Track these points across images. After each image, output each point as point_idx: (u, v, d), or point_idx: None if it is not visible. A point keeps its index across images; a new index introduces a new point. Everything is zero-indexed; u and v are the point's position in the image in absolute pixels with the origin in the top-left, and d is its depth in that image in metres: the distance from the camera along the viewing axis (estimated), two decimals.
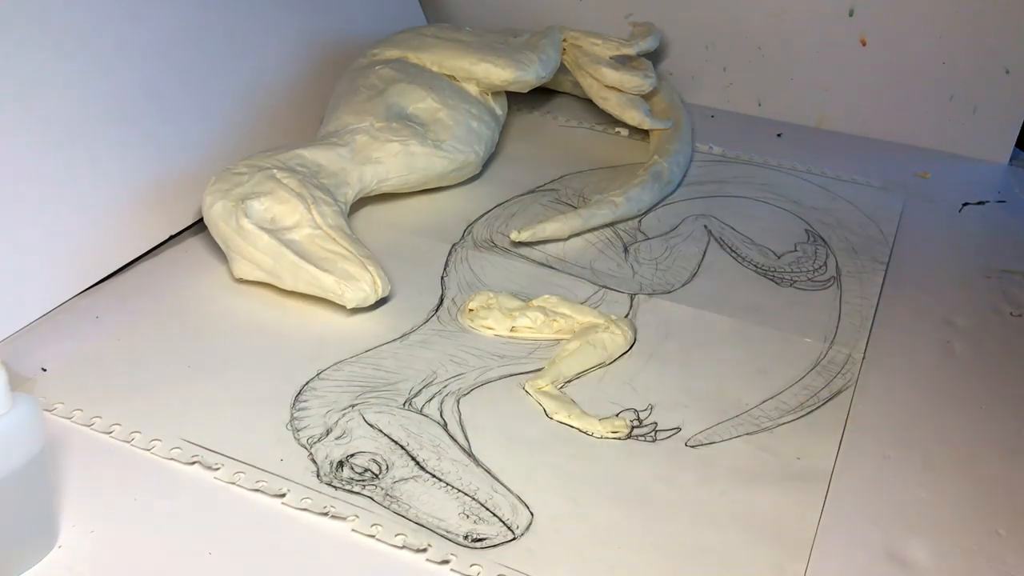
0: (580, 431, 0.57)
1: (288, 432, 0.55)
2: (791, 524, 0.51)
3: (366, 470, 0.53)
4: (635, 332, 0.65)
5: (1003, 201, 0.87)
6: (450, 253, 0.74)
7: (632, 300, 0.69)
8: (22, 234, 0.63)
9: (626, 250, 0.75)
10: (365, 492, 0.52)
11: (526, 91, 0.88)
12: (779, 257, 0.76)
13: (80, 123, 0.68)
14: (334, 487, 0.52)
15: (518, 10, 1.06)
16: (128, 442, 0.54)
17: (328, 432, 0.55)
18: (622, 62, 0.92)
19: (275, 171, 0.69)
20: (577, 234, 0.76)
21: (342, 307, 0.65)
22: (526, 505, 0.51)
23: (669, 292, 0.70)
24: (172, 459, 0.53)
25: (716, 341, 0.66)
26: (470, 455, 0.54)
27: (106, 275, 0.67)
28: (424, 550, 0.48)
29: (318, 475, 0.53)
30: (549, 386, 0.60)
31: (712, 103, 1.02)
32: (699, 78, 1.03)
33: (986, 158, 0.94)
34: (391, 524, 0.50)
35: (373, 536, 0.49)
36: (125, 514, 0.50)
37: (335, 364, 0.61)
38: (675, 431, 0.57)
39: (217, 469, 0.53)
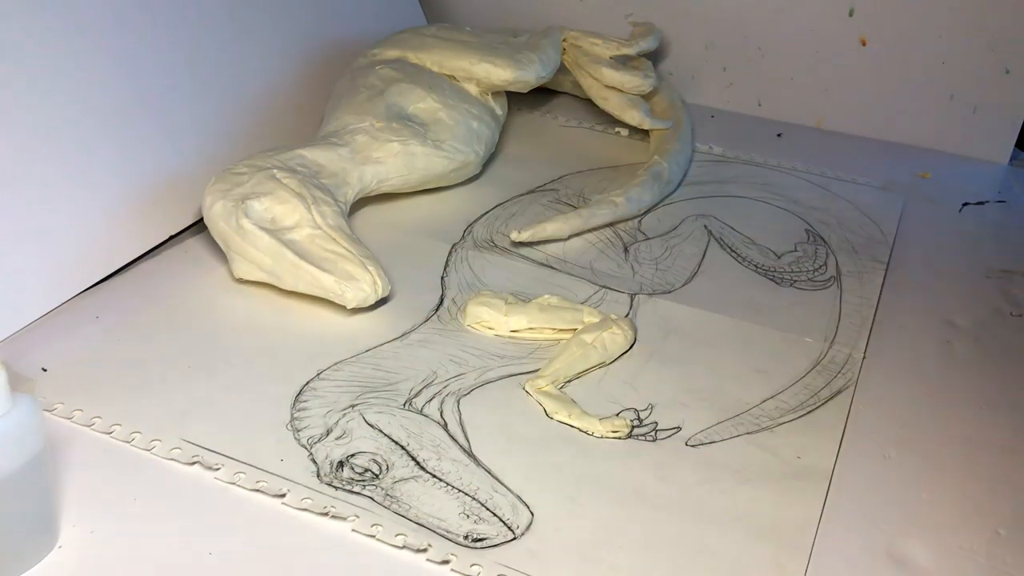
0: (580, 431, 0.57)
1: (288, 432, 0.55)
2: (791, 524, 0.51)
3: (366, 470, 0.53)
4: (635, 332, 0.65)
5: (1003, 201, 0.87)
6: (450, 253, 0.74)
7: (632, 300, 0.69)
8: (22, 234, 0.63)
9: (626, 250, 0.75)
10: (365, 492, 0.52)
11: (526, 91, 0.88)
12: (779, 257, 0.76)
13: (80, 123, 0.68)
14: (334, 487, 0.52)
15: (518, 10, 1.06)
16: (128, 442, 0.54)
17: (328, 432, 0.55)
18: (622, 62, 0.92)
19: (275, 171, 0.69)
20: (577, 234, 0.76)
21: (342, 307, 0.65)
22: (526, 505, 0.51)
23: (669, 292, 0.70)
24: (172, 459, 0.53)
25: (716, 341, 0.65)
26: (470, 455, 0.54)
27: (106, 275, 0.67)
28: (424, 550, 0.48)
29: (318, 475, 0.53)
30: (549, 386, 0.60)
31: (712, 103, 1.02)
32: (699, 78, 1.03)
33: (986, 158, 0.94)
34: (391, 524, 0.50)
35: (373, 536, 0.49)
36: (125, 514, 0.50)
37: (335, 364, 0.61)
38: (675, 430, 0.57)
39: (217, 469, 0.53)
